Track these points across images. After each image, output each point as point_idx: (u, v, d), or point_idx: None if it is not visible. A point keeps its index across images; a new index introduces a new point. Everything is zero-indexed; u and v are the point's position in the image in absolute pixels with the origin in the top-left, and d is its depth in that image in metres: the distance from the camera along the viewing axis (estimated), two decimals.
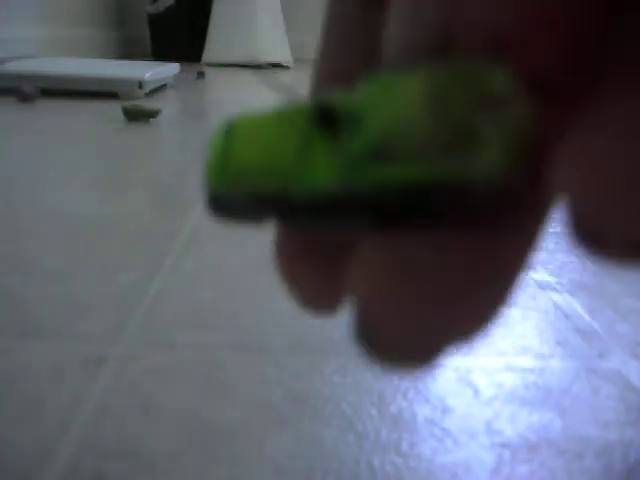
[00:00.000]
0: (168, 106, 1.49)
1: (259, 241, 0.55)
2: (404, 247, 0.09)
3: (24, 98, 1.20)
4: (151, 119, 1.11)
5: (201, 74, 2.34)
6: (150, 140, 1.02)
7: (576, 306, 0.45)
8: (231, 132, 0.11)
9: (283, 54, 3.12)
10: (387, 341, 0.09)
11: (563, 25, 0.09)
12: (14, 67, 1.55)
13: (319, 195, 0.09)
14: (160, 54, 3.22)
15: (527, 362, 0.37)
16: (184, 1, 3.14)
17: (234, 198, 0.11)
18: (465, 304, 0.09)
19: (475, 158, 0.08)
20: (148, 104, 1.08)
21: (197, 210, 0.63)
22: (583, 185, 0.08)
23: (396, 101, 0.09)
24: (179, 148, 0.96)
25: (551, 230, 0.63)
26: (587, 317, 0.43)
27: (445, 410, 0.31)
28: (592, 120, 0.08)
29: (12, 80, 1.54)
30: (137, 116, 1.07)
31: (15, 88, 1.43)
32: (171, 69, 1.86)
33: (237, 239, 0.55)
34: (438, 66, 0.09)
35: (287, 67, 3.11)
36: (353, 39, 0.13)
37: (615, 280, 0.50)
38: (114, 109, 1.33)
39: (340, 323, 0.40)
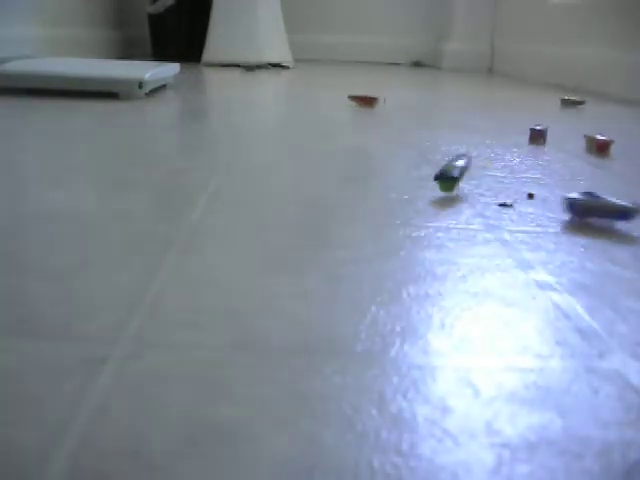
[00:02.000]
0: (168, 106, 1.49)
1: (259, 241, 0.55)
2: None
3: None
4: None
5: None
6: (150, 140, 1.02)
7: (576, 306, 0.45)
8: None
9: (283, 54, 3.12)
10: None
11: None
12: (14, 67, 1.55)
13: None
14: (160, 54, 3.22)
15: (527, 362, 0.37)
16: (184, 1, 3.14)
17: None
18: None
19: None
20: None
21: (197, 210, 0.63)
22: None
23: None
24: (179, 148, 0.96)
25: (551, 230, 0.63)
26: (587, 317, 0.43)
27: (445, 410, 0.31)
28: None
29: (12, 80, 1.54)
30: None
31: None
32: (171, 69, 1.86)
33: (237, 239, 0.55)
34: None
35: (287, 67, 3.11)
36: None
37: (615, 280, 0.50)
38: (113, 109, 1.33)
39: (340, 323, 0.40)
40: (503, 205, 0.71)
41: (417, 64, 3.06)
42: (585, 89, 2.42)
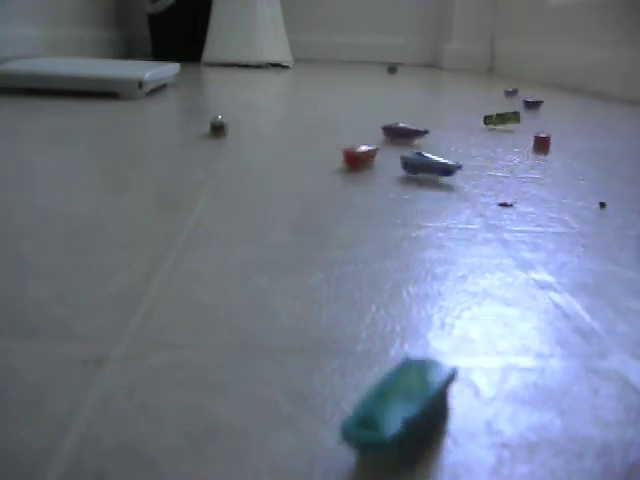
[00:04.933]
0: (168, 106, 1.49)
1: (259, 241, 0.55)
2: None
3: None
4: None
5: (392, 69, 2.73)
6: (150, 140, 1.02)
7: (576, 306, 0.45)
8: None
9: (283, 54, 3.12)
10: None
11: None
12: (14, 67, 1.55)
13: None
14: (160, 54, 3.22)
15: (527, 362, 0.37)
16: (184, 1, 3.14)
17: None
18: None
19: None
20: None
21: (197, 210, 0.63)
22: None
23: None
24: (179, 148, 0.96)
25: (551, 230, 0.63)
26: (587, 317, 0.43)
27: None
28: None
29: (12, 80, 1.54)
30: None
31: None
32: (171, 69, 1.86)
33: (237, 239, 0.55)
34: None
35: (287, 67, 3.11)
36: None
37: (615, 280, 0.50)
38: (113, 109, 1.33)
39: (340, 323, 0.40)
40: (503, 205, 0.71)
41: (392, 70, 2.94)
42: (585, 89, 2.42)
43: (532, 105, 1.72)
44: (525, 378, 0.35)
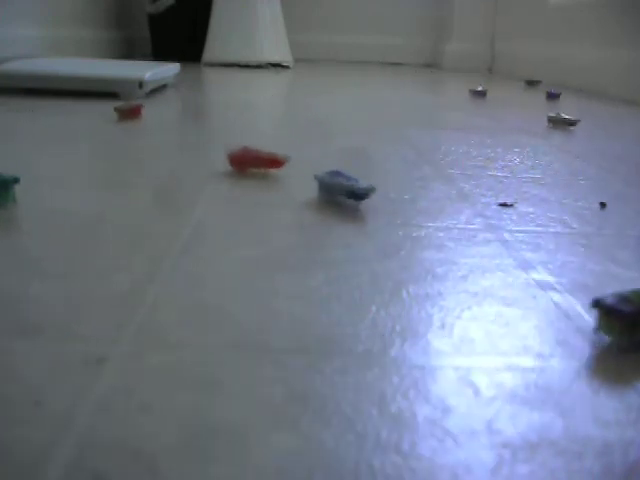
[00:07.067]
0: (169, 106, 1.49)
1: (259, 241, 0.55)
2: None
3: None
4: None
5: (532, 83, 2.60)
6: (150, 140, 1.02)
7: (576, 306, 0.45)
8: None
9: (283, 54, 3.12)
10: None
11: None
12: (14, 67, 1.55)
13: None
14: (160, 54, 3.22)
15: (527, 362, 0.37)
16: (184, 1, 3.14)
17: None
18: None
19: None
20: None
21: (197, 210, 0.63)
22: None
23: None
24: (179, 148, 0.96)
25: (551, 230, 0.63)
26: (587, 317, 0.43)
27: (445, 410, 0.31)
28: None
29: (12, 80, 1.54)
30: None
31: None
32: (171, 69, 1.86)
33: (237, 239, 0.55)
34: None
35: (287, 67, 3.11)
36: None
37: (615, 280, 0.50)
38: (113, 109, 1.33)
39: (340, 323, 0.40)
40: (503, 205, 0.71)
41: (530, 83, 2.79)
42: (585, 89, 2.42)
43: (554, 96, 2.00)
44: (525, 378, 0.35)
